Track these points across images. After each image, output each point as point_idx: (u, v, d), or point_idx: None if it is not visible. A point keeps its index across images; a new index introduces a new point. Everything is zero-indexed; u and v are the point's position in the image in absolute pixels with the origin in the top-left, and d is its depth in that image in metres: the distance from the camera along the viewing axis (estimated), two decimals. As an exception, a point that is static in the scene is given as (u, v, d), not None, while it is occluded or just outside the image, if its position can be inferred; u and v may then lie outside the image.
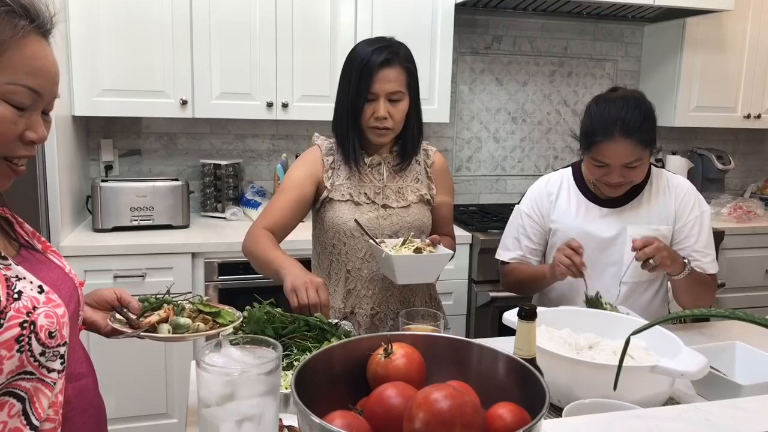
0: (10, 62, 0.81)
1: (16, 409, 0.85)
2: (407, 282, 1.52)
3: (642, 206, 1.70)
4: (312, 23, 2.65)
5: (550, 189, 1.79)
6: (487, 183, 3.42)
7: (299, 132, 3.07)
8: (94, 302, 1.17)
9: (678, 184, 1.73)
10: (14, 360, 0.83)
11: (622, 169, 1.59)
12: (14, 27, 0.81)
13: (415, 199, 1.67)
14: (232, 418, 0.77)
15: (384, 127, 1.58)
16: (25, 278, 0.88)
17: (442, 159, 1.78)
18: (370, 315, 1.65)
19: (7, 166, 0.86)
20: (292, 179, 1.65)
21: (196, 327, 1.16)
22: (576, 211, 1.73)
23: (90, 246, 2.33)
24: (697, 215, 1.70)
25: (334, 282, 1.67)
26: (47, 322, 0.86)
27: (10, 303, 0.82)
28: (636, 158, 1.57)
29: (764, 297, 3.17)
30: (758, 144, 3.85)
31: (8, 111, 0.82)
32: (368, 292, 1.65)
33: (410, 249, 1.49)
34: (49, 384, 0.88)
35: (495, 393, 0.87)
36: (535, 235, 1.79)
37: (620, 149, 1.55)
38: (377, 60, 1.54)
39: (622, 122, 1.54)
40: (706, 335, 1.61)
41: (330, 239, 1.66)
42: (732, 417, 1.01)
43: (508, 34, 3.29)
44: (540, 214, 1.78)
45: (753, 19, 3.21)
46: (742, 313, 0.88)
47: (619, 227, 1.69)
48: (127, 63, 2.49)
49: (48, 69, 0.86)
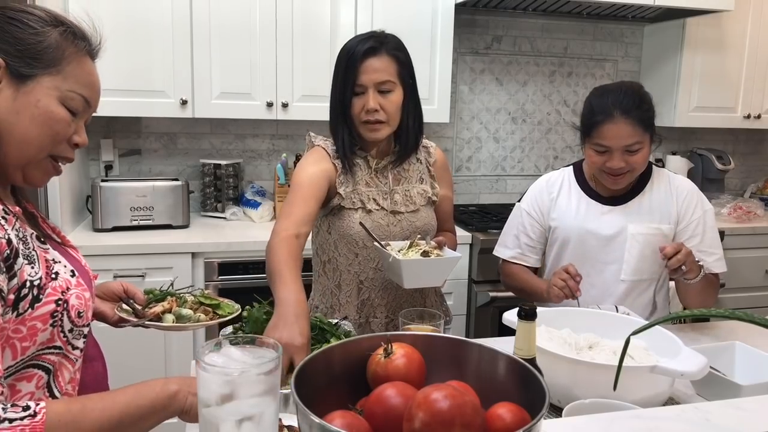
0: (72, 73, 0.97)
1: (43, 381, 0.95)
2: (414, 286, 1.48)
3: (643, 204, 1.70)
4: (312, 23, 2.65)
5: (551, 187, 1.79)
6: (487, 183, 3.42)
7: (299, 132, 3.07)
8: (103, 294, 1.26)
9: (680, 185, 1.72)
10: (46, 333, 0.93)
11: (624, 153, 1.59)
12: (76, 45, 0.99)
13: (423, 201, 1.64)
14: (232, 418, 0.77)
15: (376, 120, 1.50)
16: (60, 262, 0.99)
17: (443, 155, 1.75)
18: (385, 323, 1.62)
19: (51, 164, 0.99)
20: (306, 175, 1.52)
21: (197, 318, 1.25)
22: (577, 209, 1.73)
23: (90, 246, 2.33)
24: (700, 215, 1.69)
25: (346, 293, 1.63)
26: (78, 302, 0.98)
27: (49, 281, 0.94)
28: (636, 140, 1.57)
29: (764, 297, 3.17)
30: (758, 144, 3.85)
31: (66, 114, 0.96)
32: (383, 300, 1.62)
33: (417, 252, 1.45)
34: (72, 360, 1.00)
35: (495, 393, 0.87)
36: (534, 233, 1.79)
37: (620, 129, 1.57)
38: (361, 49, 1.48)
39: (620, 103, 1.58)
40: (706, 335, 1.61)
41: (340, 250, 1.61)
42: (732, 417, 1.01)
43: (508, 34, 3.29)
44: (540, 212, 1.78)
45: (753, 20, 3.21)
46: (742, 313, 0.88)
47: (620, 225, 1.68)
48: (127, 63, 2.49)
49: (97, 85, 1.04)
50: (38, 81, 0.94)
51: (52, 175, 1.01)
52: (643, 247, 1.66)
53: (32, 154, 0.95)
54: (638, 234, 1.66)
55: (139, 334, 1.51)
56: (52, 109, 0.94)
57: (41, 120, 0.94)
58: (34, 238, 0.98)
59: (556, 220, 1.76)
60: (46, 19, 0.96)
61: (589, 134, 1.63)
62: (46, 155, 0.97)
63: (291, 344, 1.12)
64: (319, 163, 1.56)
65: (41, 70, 0.94)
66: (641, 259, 1.67)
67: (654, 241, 1.67)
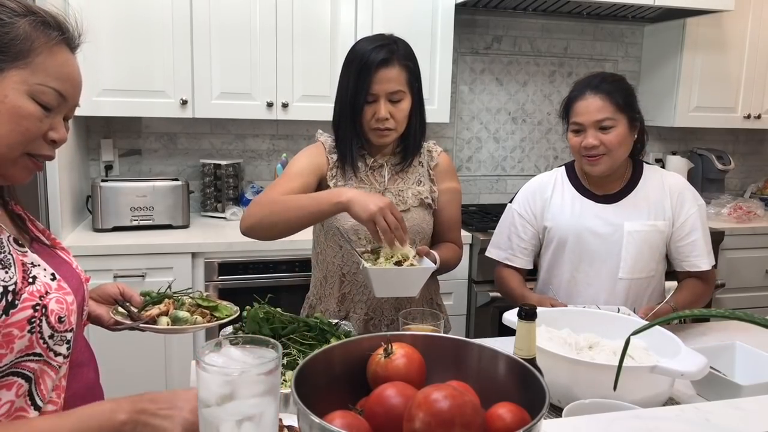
0: (42, 66, 0.91)
1: (23, 389, 0.90)
2: (386, 295, 1.46)
3: (638, 201, 1.70)
4: (312, 23, 2.65)
5: (544, 188, 1.79)
6: (488, 183, 3.42)
7: (299, 132, 3.07)
8: (98, 297, 1.23)
9: (673, 183, 1.73)
10: (24, 340, 0.89)
11: (597, 130, 1.61)
12: (47, 36, 0.91)
13: (415, 202, 1.63)
14: (232, 418, 0.77)
15: (386, 128, 1.54)
16: (39, 265, 0.95)
17: (448, 159, 1.72)
18: (365, 320, 1.62)
19: (30, 160, 0.94)
20: (296, 168, 1.59)
21: (194, 320, 1.22)
22: (571, 209, 1.73)
23: (90, 246, 2.33)
24: (695, 211, 1.70)
25: (330, 284, 1.65)
26: (58, 307, 0.93)
27: (25, 286, 0.90)
28: (607, 116, 1.60)
29: (764, 297, 3.16)
30: (758, 144, 3.85)
31: (36, 109, 0.90)
32: (363, 297, 1.62)
33: (391, 261, 1.40)
34: (54, 367, 0.94)
35: (495, 393, 0.87)
36: (526, 234, 1.79)
37: (589, 104, 1.62)
38: (376, 59, 1.50)
39: (590, 83, 1.66)
40: (706, 335, 1.61)
41: (328, 241, 1.63)
42: (732, 417, 1.01)
43: (509, 34, 3.29)
44: (533, 213, 1.78)
45: (753, 20, 3.21)
46: (742, 313, 0.88)
47: (616, 223, 1.68)
48: (128, 63, 2.49)
49: (73, 77, 0.95)
50: (5, 75, 0.88)
51: (33, 172, 0.96)
52: (640, 244, 1.67)
53: (3, 152, 0.89)
54: (635, 231, 1.66)
55: (138, 337, 1.51)
56: (20, 104, 0.89)
57: (8, 116, 0.88)
58: (11, 241, 0.94)
59: (551, 221, 1.75)
60: (15, 10, 0.90)
61: (566, 117, 1.70)
62: (20, 153, 0.91)
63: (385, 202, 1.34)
64: (311, 157, 1.62)
65: (8, 64, 0.88)
66: (639, 256, 1.67)
67: (650, 238, 1.67)
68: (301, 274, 2.48)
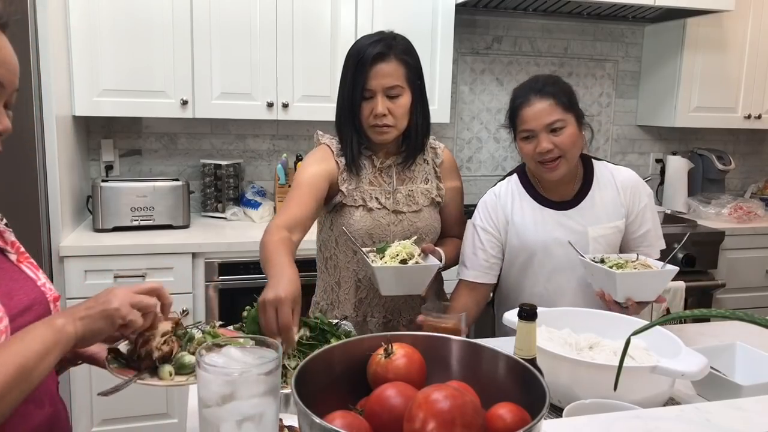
0: None
1: None
2: (392, 293, 1.46)
3: (595, 203, 1.68)
4: (312, 23, 2.65)
5: (503, 200, 1.74)
6: (488, 183, 3.38)
7: (299, 132, 3.07)
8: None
9: (623, 178, 1.70)
10: None
11: (548, 134, 1.58)
12: None
13: (426, 202, 1.64)
14: (233, 418, 0.77)
15: (384, 124, 1.52)
16: None
17: (450, 156, 1.74)
18: (383, 323, 1.62)
19: None
20: (307, 175, 1.54)
21: None
22: (533, 223, 1.69)
23: (90, 246, 2.33)
24: (646, 202, 1.70)
25: (345, 290, 1.64)
26: None
27: None
28: (557, 118, 1.57)
29: (764, 297, 3.16)
30: (759, 144, 3.85)
31: None
32: (380, 300, 1.62)
33: (397, 260, 1.42)
34: None
35: (495, 393, 0.87)
36: (492, 248, 1.72)
37: (537, 109, 1.58)
38: (371, 53, 1.48)
39: (532, 87, 1.62)
40: (706, 335, 1.61)
41: (341, 247, 1.62)
42: (732, 417, 1.01)
43: (509, 34, 3.29)
44: (496, 227, 1.73)
45: (753, 20, 3.21)
46: (742, 313, 0.88)
47: (579, 230, 1.66)
48: (128, 63, 2.49)
49: (7, 60, 0.84)
50: None
51: None
52: (605, 248, 1.66)
53: None
54: (600, 237, 1.65)
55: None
56: None
57: None
58: None
59: (516, 237, 1.71)
60: None
61: (514, 125, 1.65)
62: None
63: (279, 298, 1.11)
64: (321, 163, 1.57)
65: None
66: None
67: (614, 239, 1.67)
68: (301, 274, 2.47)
